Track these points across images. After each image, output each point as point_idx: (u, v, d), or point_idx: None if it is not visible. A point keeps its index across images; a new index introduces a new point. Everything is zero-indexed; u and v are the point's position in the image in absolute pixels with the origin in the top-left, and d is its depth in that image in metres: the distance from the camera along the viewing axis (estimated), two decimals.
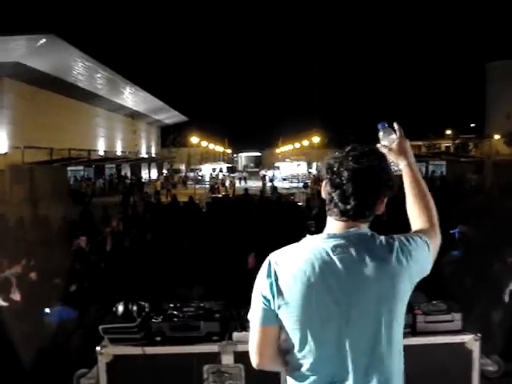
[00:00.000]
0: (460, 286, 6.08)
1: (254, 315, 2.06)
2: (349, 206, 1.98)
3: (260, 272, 2.05)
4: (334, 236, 2.01)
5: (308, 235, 2.08)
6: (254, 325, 2.07)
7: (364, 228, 2.05)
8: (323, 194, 2.09)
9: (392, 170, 2.20)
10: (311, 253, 1.98)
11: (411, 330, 3.61)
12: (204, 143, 63.30)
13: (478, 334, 3.58)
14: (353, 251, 1.97)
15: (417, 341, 3.59)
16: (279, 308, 1.99)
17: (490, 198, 19.03)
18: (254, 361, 2.11)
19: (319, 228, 2.13)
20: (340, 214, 2.01)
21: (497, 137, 66.29)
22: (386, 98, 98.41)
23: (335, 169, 2.01)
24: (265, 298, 2.01)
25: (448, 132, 68.41)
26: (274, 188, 30.54)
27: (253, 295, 2.07)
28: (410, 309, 3.67)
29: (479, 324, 5.04)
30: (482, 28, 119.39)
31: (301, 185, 40.26)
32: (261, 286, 2.03)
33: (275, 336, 2.07)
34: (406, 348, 3.51)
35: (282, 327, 2.04)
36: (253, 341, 2.09)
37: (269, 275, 2.01)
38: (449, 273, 6.80)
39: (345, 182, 1.97)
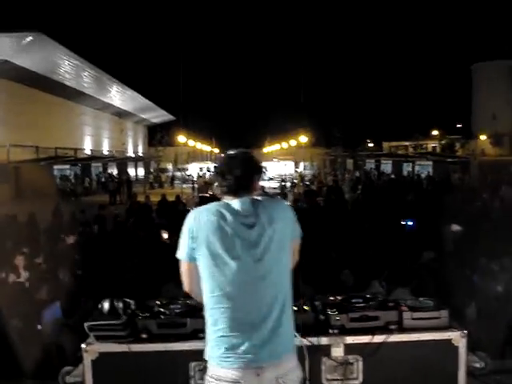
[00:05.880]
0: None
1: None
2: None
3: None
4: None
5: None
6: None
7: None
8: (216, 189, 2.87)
9: None
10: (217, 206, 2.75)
11: (398, 326, 3.61)
12: (191, 142, 63.00)
13: (465, 331, 3.59)
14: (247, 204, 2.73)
15: (403, 337, 3.59)
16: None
17: (475, 197, 19.08)
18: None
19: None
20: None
21: (483, 137, 66.91)
22: (373, 98, 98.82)
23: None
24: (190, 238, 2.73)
25: (435, 132, 68.73)
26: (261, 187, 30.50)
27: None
28: (397, 305, 3.68)
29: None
30: (468, 30, 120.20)
31: (288, 184, 40.27)
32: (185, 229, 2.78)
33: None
34: (393, 344, 3.56)
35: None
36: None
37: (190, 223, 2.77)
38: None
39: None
